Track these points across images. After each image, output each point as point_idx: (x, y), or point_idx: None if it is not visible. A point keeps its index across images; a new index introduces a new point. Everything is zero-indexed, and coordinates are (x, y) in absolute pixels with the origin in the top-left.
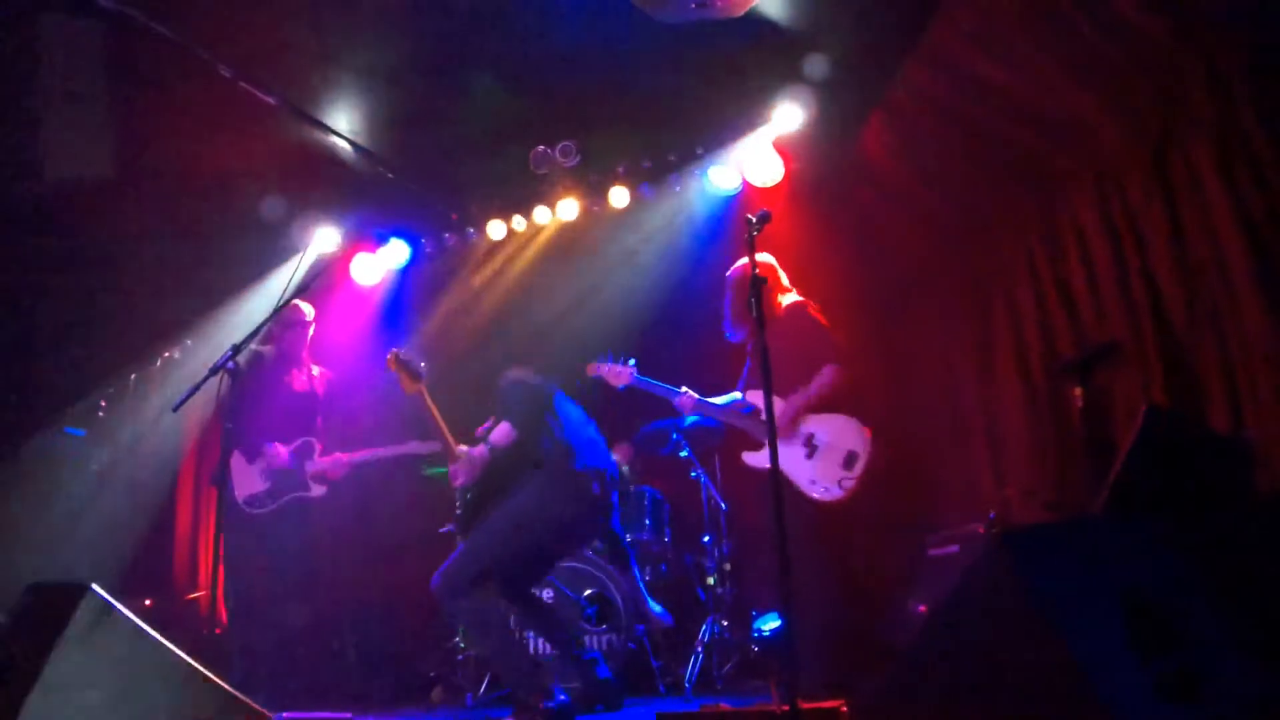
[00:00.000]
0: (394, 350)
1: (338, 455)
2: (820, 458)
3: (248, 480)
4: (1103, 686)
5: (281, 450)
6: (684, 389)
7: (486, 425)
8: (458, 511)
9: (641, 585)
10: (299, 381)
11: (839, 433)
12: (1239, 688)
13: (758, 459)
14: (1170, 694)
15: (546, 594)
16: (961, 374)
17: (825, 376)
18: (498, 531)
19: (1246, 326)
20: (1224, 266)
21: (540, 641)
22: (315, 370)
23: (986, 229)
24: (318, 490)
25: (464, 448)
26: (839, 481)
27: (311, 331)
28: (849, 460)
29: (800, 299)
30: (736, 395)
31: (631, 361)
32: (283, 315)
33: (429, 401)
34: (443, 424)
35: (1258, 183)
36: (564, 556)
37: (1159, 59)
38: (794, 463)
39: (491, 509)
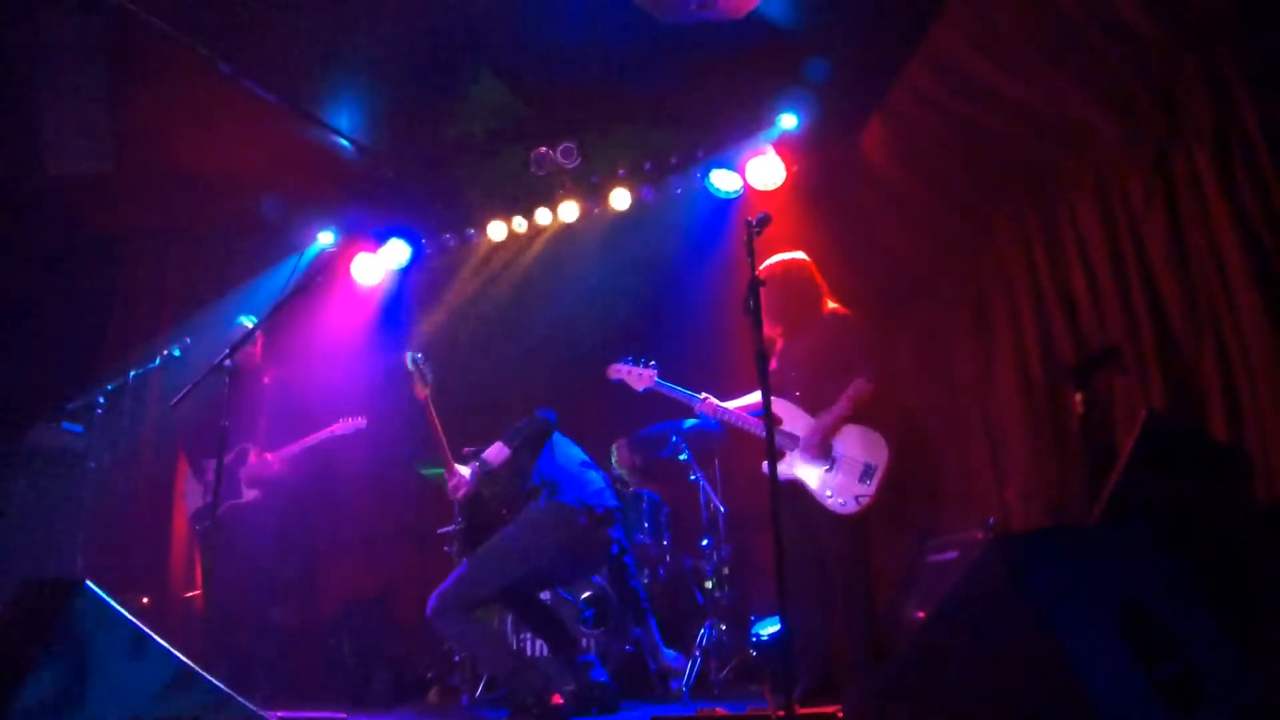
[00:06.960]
0: (411, 353)
1: (265, 455)
2: (839, 470)
3: (194, 497)
4: (1101, 692)
5: (208, 466)
6: (704, 395)
7: (472, 449)
8: (456, 525)
9: (657, 634)
10: (248, 392)
11: (857, 444)
12: (1238, 693)
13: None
14: (1170, 699)
15: (544, 596)
16: (961, 378)
17: (854, 391)
18: (494, 561)
19: (1246, 331)
20: (1224, 271)
21: (538, 644)
22: (266, 379)
23: (987, 231)
24: (250, 494)
25: (459, 468)
26: (855, 496)
27: (260, 347)
28: (866, 473)
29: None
30: (755, 398)
31: (653, 364)
32: (235, 331)
33: (432, 413)
34: (443, 438)
35: (1257, 187)
36: (563, 584)
37: (1160, 62)
38: (814, 474)
39: (488, 535)
